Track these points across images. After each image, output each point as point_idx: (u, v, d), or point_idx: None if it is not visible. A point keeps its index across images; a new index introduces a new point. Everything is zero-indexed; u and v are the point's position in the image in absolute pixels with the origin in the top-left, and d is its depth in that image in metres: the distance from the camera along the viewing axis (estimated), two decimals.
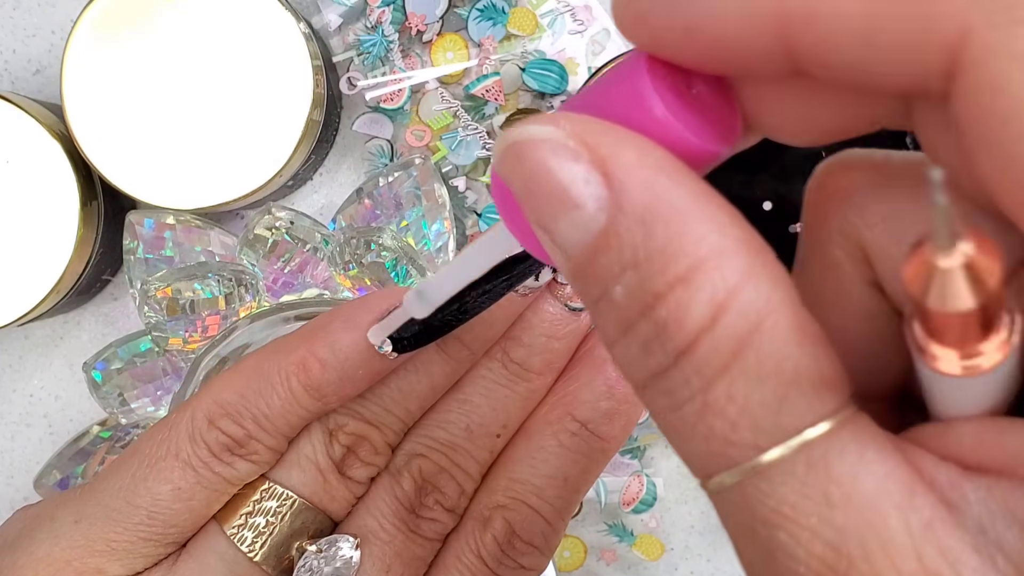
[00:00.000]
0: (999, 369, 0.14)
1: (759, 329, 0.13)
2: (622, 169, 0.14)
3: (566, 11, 0.46)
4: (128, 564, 0.25)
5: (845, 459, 0.13)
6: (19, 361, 0.48)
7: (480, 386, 0.27)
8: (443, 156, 0.46)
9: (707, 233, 0.14)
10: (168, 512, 0.25)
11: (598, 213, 0.14)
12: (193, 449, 0.25)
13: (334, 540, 0.25)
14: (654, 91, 0.15)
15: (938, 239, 0.12)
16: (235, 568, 0.25)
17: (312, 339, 0.25)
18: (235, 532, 0.25)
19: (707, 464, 0.14)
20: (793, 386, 0.13)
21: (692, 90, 0.15)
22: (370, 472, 0.26)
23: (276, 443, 0.25)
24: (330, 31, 0.45)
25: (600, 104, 0.15)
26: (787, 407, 0.13)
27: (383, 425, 0.26)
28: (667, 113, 0.15)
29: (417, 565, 0.26)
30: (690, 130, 0.15)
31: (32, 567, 0.24)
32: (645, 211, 0.14)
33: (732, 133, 0.16)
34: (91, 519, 0.25)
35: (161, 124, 0.41)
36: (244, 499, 0.25)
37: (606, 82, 0.16)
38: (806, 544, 0.13)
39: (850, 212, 0.16)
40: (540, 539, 0.26)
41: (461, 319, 0.25)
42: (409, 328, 0.24)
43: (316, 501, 0.26)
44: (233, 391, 0.25)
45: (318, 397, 0.25)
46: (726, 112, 0.16)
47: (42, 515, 0.26)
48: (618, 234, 0.14)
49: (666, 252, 0.13)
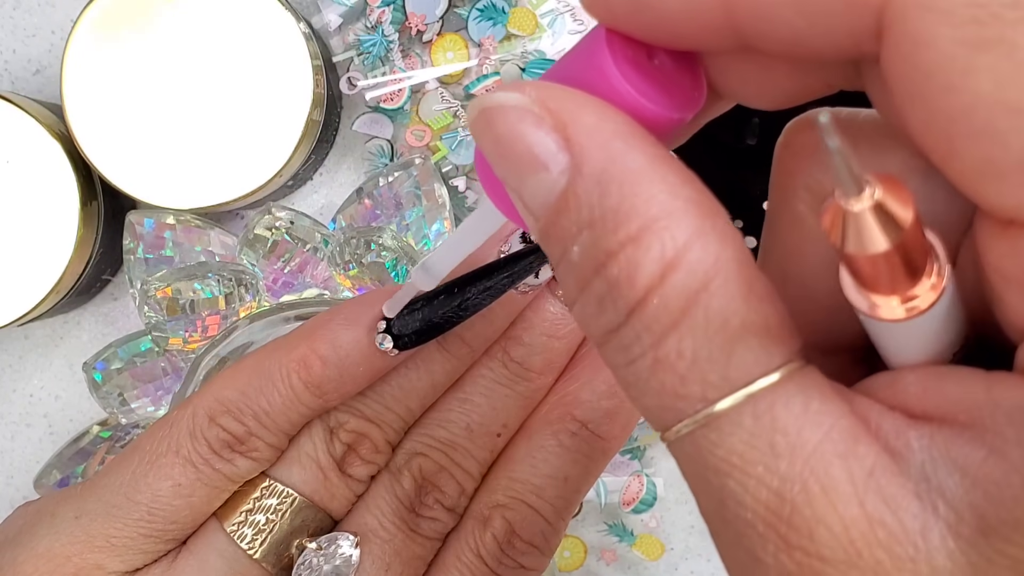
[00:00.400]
0: (935, 313, 0.14)
1: (707, 287, 0.14)
2: (582, 133, 0.14)
3: (566, 11, 0.46)
4: (128, 560, 0.25)
5: (791, 410, 0.14)
6: (19, 361, 0.48)
7: (481, 385, 0.27)
8: (443, 156, 0.46)
9: (658, 194, 0.14)
10: (168, 508, 0.25)
11: (560, 176, 0.15)
12: (194, 446, 0.25)
13: (334, 538, 0.25)
14: (612, 63, 0.15)
15: (843, 184, 0.13)
16: (235, 565, 0.25)
17: (313, 336, 0.25)
18: (235, 529, 0.25)
19: (662, 417, 0.14)
20: (740, 341, 0.14)
21: (654, 60, 0.16)
22: (370, 470, 0.26)
23: (277, 440, 0.25)
24: (330, 31, 0.45)
25: (566, 74, 0.16)
26: (734, 361, 0.14)
27: (384, 423, 0.26)
28: (623, 82, 0.15)
29: (417, 564, 0.26)
30: (647, 98, 0.15)
31: (32, 563, 0.24)
32: (601, 172, 0.14)
33: (694, 101, 0.16)
34: (91, 515, 0.25)
35: (161, 124, 0.41)
36: (244, 496, 0.26)
37: (573, 54, 0.16)
38: (753, 491, 0.14)
39: (814, 168, 0.17)
40: (540, 539, 0.26)
41: (462, 315, 0.25)
42: (410, 324, 0.24)
43: (316, 499, 0.26)
44: (234, 388, 0.25)
45: (319, 394, 0.25)
46: (689, 81, 0.16)
47: (43, 511, 0.26)
48: (576, 195, 0.14)
49: (619, 212, 0.14)
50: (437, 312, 0.25)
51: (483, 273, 0.25)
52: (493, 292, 0.25)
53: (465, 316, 0.25)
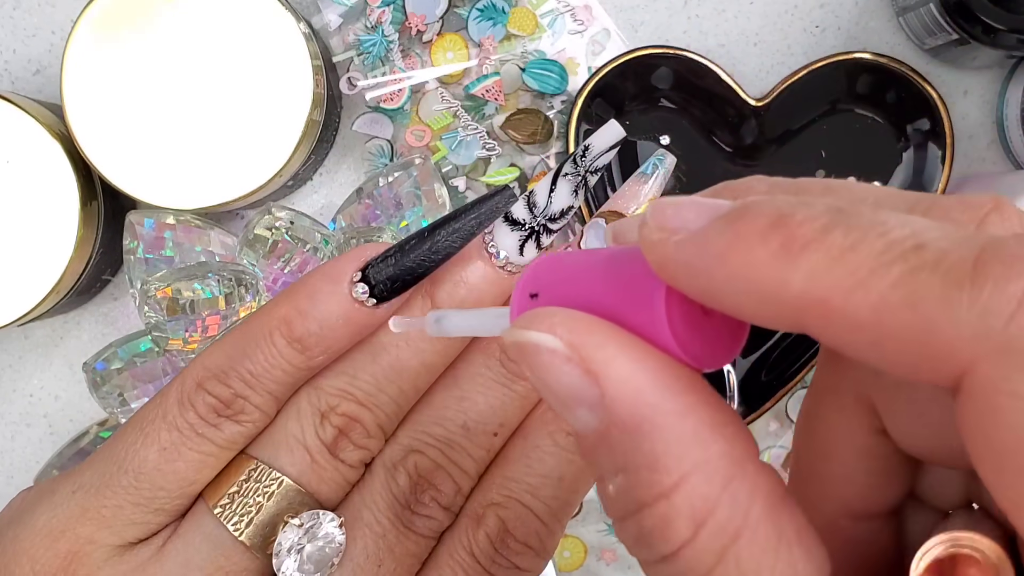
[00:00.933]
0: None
1: (736, 541, 0.14)
2: (614, 384, 0.15)
3: (566, 11, 0.46)
4: (118, 532, 0.25)
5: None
6: (19, 361, 0.48)
7: (478, 384, 0.27)
8: (443, 156, 0.46)
9: (689, 450, 0.15)
10: (155, 474, 0.25)
11: (594, 417, 0.15)
12: (181, 412, 0.25)
13: (315, 515, 0.25)
14: (666, 320, 0.15)
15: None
16: (220, 547, 0.25)
17: (293, 294, 0.26)
18: (221, 511, 0.25)
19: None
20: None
21: (706, 314, 0.16)
22: (362, 456, 0.26)
23: (263, 402, 0.25)
24: (330, 31, 0.45)
25: (610, 295, 0.16)
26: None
27: (374, 406, 0.26)
28: (671, 340, 0.15)
29: (410, 562, 0.26)
30: (691, 355, 0.16)
31: (31, 539, 0.25)
32: (632, 426, 0.15)
33: (734, 348, 0.17)
34: (87, 488, 0.25)
35: (161, 124, 0.41)
36: (232, 477, 0.25)
37: (624, 274, 0.16)
38: None
39: (861, 368, 0.17)
40: (535, 539, 0.26)
41: (434, 258, 0.25)
42: (384, 271, 0.25)
43: (304, 482, 0.26)
44: (221, 353, 0.26)
45: (301, 349, 0.25)
46: (735, 327, 0.17)
47: (44, 490, 0.26)
48: (609, 441, 0.15)
49: (650, 467, 0.15)
50: (409, 256, 0.25)
51: (452, 216, 0.26)
52: (462, 234, 0.25)
53: (437, 260, 0.25)
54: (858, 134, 0.46)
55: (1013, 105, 0.45)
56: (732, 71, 0.46)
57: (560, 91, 0.46)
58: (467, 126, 0.46)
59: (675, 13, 0.47)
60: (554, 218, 0.26)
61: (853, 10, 0.47)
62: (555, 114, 0.46)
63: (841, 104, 0.46)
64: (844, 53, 0.44)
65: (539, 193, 0.26)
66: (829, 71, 0.45)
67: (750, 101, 0.45)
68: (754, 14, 0.47)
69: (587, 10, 0.46)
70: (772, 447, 0.48)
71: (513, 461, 0.27)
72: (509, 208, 0.26)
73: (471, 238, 0.26)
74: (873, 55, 0.44)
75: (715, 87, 0.45)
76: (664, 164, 0.27)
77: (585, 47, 0.46)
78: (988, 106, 0.47)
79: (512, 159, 0.46)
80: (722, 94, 0.45)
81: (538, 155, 0.46)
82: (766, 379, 0.46)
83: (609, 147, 0.26)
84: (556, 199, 0.26)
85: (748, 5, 0.47)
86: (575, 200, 0.26)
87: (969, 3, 0.40)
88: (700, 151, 0.46)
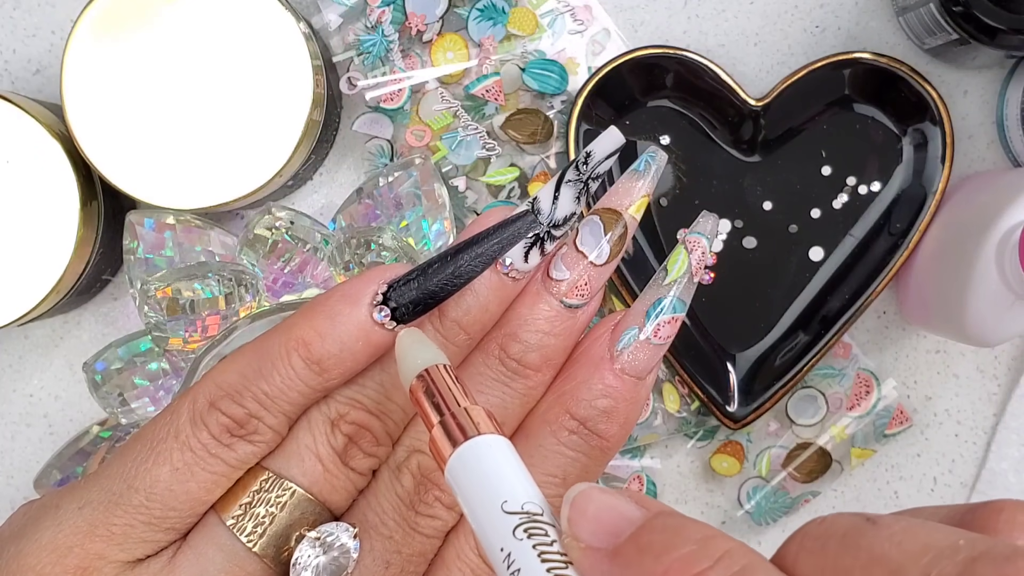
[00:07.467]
0: None
1: None
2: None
3: (566, 11, 0.46)
4: (129, 549, 0.25)
5: None
6: (19, 361, 0.48)
7: (478, 383, 0.27)
8: (443, 156, 0.46)
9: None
10: (166, 494, 0.24)
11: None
12: (194, 431, 0.25)
13: (332, 527, 0.25)
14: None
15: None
16: (234, 558, 0.25)
17: (311, 314, 0.25)
18: (234, 522, 0.25)
19: None
20: None
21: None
22: (371, 464, 0.26)
23: (277, 423, 0.25)
24: (330, 31, 0.45)
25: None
26: None
27: (383, 414, 0.26)
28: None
29: (417, 562, 0.26)
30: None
31: (36, 555, 0.24)
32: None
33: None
34: (94, 505, 0.25)
35: (161, 124, 0.41)
36: (244, 489, 0.25)
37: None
38: None
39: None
40: None
41: (456, 283, 0.25)
42: (406, 294, 0.25)
43: (316, 492, 0.26)
44: (234, 372, 0.25)
45: (319, 371, 0.25)
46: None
47: (47, 504, 0.26)
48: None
49: None
50: (432, 280, 0.25)
51: (474, 241, 0.26)
52: (484, 259, 0.26)
53: (459, 284, 0.26)
54: (858, 134, 0.46)
55: (1013, 105, 0.45)
56: (732, 71, 0.46)
57: (560, 91, 0.46)
58: (467, 126, 0.46)
59: (675, 13, 0.47)
60: (558, 225, 0.26)
61: (853, 10, 0.47)
62: (555, 114, 0.46)
63: (841, 104, 0.46)
64: (844, 53, 0.44)
65: (543, 200, 0.26)
66: (829, 71, 0.45)
67: (750, 101, 0.45)
68: (754, 14, 0.47)
69: (587, 10, 0.46)
70: (772, 447, 0.48)
71: None
72: (530, 233, 0.26)
73: (492, 263, 0.26)
74: (873, 55, 0.44)
75: (715, 87, 0.45)
76: (656, 160, 0.27)
77: (585, 47, 0.46)
78: (988, 106, 0.47)
79: (512, 159, 0.46)
80: (722, 94, 0.45)
81: (538, 155, 0.46)
82: (766, 379, 0.46)
83: (609, 154, 0.27)
84: (560, 206, 0.26)
85: (748, 5, 0.47)
86: (578, 207, 0.27)
87: (969, 3, 0.40)
88: (700, 151, 0.46)
